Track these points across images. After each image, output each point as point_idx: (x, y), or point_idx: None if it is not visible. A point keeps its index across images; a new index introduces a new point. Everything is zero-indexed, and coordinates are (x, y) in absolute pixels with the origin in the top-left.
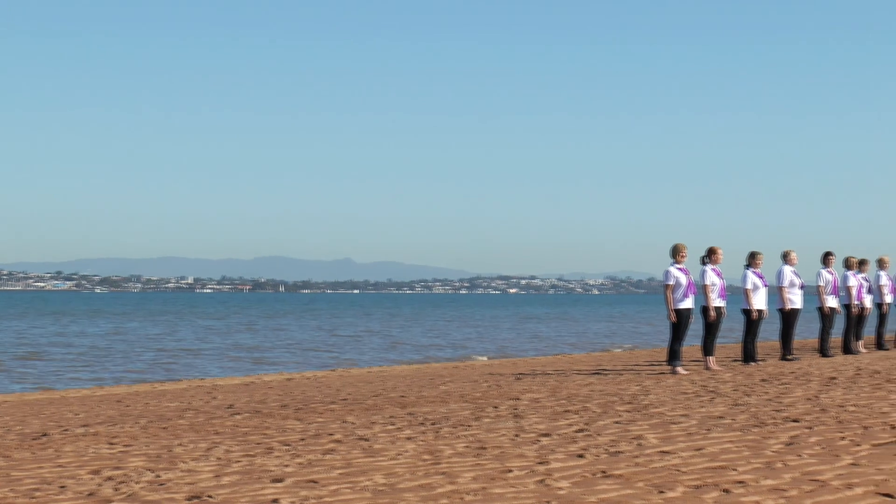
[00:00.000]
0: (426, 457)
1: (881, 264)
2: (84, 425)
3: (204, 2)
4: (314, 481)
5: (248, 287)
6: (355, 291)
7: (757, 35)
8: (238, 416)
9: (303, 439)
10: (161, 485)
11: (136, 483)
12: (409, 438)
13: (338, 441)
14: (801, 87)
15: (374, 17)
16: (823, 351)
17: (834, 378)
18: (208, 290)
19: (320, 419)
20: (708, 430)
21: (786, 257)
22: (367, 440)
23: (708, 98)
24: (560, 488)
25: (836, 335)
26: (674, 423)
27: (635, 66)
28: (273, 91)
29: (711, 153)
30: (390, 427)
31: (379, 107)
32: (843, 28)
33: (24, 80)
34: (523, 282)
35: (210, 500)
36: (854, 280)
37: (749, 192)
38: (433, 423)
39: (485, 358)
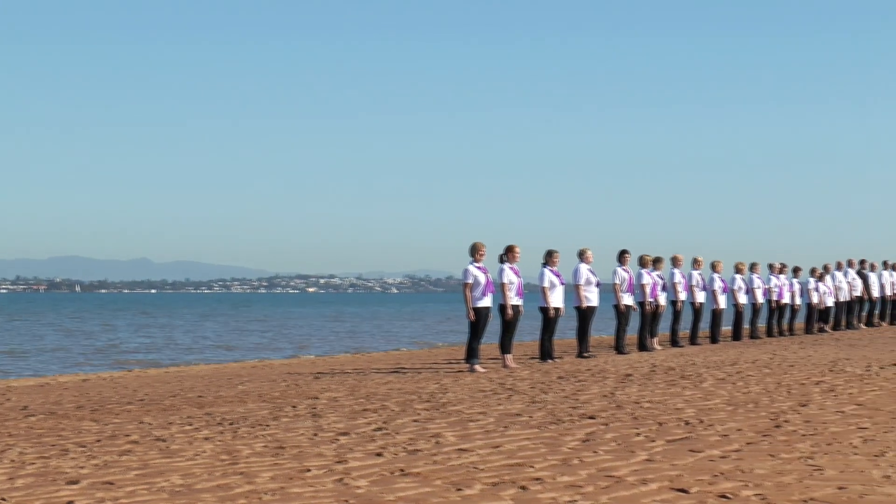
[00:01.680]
0: (224, 457)
1: (675, 262)
2: None
3: None
4: (110, 483)
5: (43, 287)
6: (153, 291)
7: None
8: (32, 418)
9: (99, 440)
10: None
11: None
12: (206, 439)
13: (134, 442)
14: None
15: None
16: (619, 348)
17: (629, 375)
18: (3, 291)
19: (117, 420)
20: (505, 427)
21: (582, 255)
22: (164, 441)
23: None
24: (358, 487)
25: (632, 332)
26: (472, 421)
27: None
28: (65, 86)
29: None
30: (188, 427)
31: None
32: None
33: None
34: (322, 280)
35: (3, 503)
36: (648, 278)
37: (547, 191)
38: (231, 423)
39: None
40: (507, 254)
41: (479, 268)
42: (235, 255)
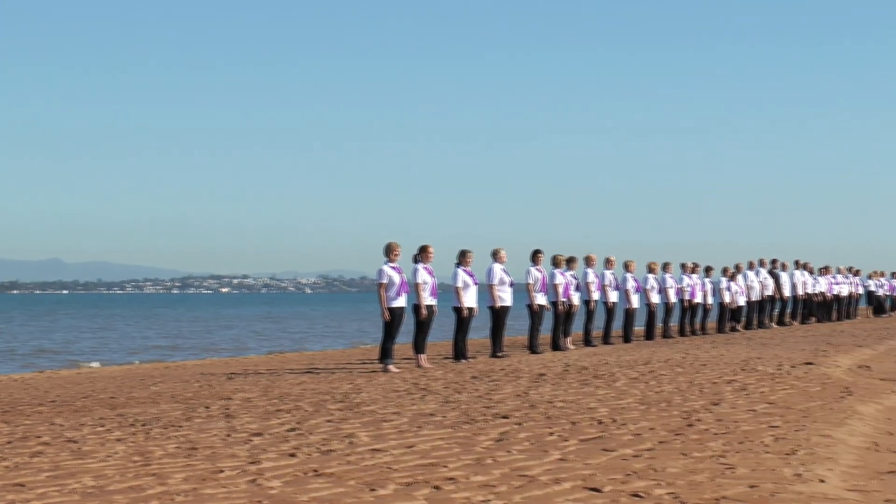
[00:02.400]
0: (136, 458)
1: (588, 262)
2: None
3: None
4: (21, 484)
5: None
6: (64, 292)
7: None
8: None
9: (9, 442)
10: None
11: None
12: (118, 440)
13: (46, 443)
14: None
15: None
16: (533, 348)
17: (543, 374)
18: None
19: (28, 422)
20: (419, 427)
21: (495, 255)
22: (75, 442)
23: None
24: (272, 488)
25: (545, 332)
26: (385, 421)
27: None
28: None
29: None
30: (100, 429)
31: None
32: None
33: None
34: (235, 281)
35: None
36: (562, 278)
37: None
38: (143, 425)
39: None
40: (421, 254)
41: (393, 268)
42: (148, 255)
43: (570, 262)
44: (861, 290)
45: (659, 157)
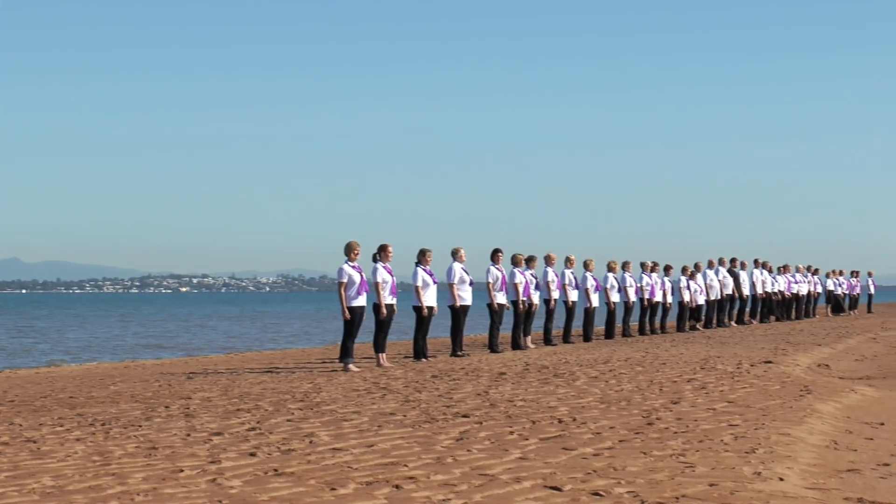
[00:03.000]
0: (96, 458)
1: (548, 261)
2: None
3: None
4: None
5: None
6: (23, 291)
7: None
8: None
9: None
10: None
11: None
12: (78, 440)
13: (4, 443)
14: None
15: None
16: (493, 347)
17: (503, 373)
18: None
19: None
20: (379, 426)
21: (455, 254)
22: (34, 442)
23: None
24: (232, 487)
25: (505, 331)
26: (346, 421)
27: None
28: None
29: (378, 151)
30: (59, 428)
31: (39, 101)
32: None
33: None
34: (195, 280)
35: None
36: (521, 277)
37: (421, 189)
38: (103, 424)
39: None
40: (381, 253)
41: (353, 267)
42: (107, 254)
43: (530, 260)
44: (820, 289)
45: (619, 155)
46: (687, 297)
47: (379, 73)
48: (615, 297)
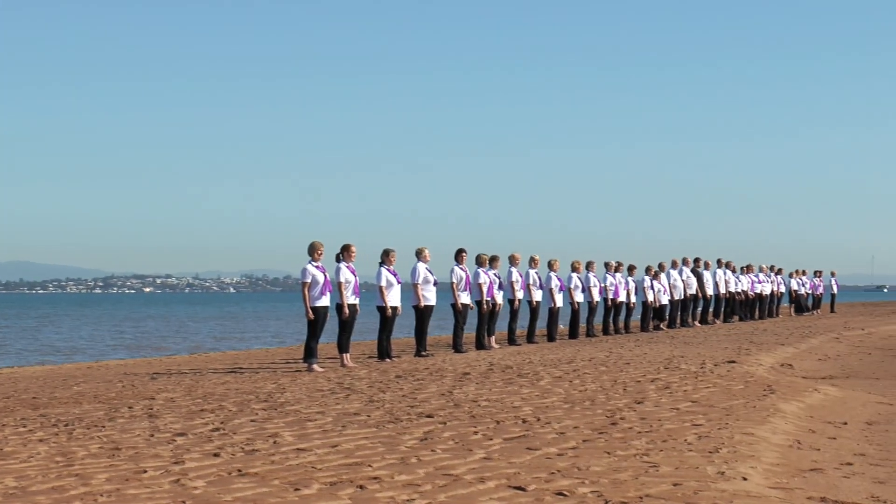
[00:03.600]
0: (59, 458)
1: (512, 261)
2: None
3: None
4: None
5: None
6: None
7: None
8: None
9: None
10: None
11: None
12: (41, 440)
13: None
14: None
15: None
16: (457, 347)
17: (467, 373)
18: None
19: None
20: (343, 426)
21: (419, 254)
22: None
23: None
24: (196, 488)
25: (469, 331)
26: (310, 421)
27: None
28: None
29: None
30: (22, 429)
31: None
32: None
33: None
34: (159, 280)
35: None
36: (485, 277)
37: (384, 188)
38: (66, 425)
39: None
40: (344, 253)
41: (317, 267)
42: (70, 254)
43: (494, 260)
44: (783, 289)
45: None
46: (651, 297)
47: (376, 71)
48: (579, 296)
